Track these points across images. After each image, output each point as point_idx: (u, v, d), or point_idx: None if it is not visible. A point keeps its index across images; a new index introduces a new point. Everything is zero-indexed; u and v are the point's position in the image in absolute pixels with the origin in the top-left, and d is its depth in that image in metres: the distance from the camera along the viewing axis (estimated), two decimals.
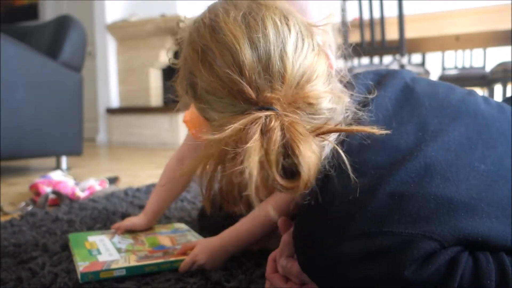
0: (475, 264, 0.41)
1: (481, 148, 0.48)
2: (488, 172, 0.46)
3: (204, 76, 0.46)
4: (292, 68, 0.45)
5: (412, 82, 0.57)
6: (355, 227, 0.44)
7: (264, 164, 0.41)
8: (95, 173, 2.11)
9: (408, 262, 0.41)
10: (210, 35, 0.46)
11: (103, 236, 0.94)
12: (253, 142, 0.41)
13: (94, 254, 0.83)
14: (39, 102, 2.07)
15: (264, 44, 0.45)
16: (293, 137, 0.42)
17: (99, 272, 0.75)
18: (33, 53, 2.05)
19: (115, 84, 4.14)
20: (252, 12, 0.46)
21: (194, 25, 0.50)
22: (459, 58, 3.20)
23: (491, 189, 0.45)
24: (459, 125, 0.50)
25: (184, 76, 0.51)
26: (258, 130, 0.42)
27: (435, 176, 0.45)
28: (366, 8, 2.31)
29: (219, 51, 0.45)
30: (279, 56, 0.45)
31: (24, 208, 1.34)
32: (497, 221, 0.43)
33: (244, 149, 0.41)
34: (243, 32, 0.45)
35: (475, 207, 0.44)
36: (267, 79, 0.44)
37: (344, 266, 0.45)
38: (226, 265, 0.79)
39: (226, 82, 0.45)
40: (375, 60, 3.08)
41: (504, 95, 2.55)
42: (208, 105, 0.47)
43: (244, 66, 0.44)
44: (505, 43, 2.46)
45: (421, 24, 2.34)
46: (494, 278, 0.40)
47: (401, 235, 0.42)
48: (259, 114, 0.43)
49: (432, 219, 0.42)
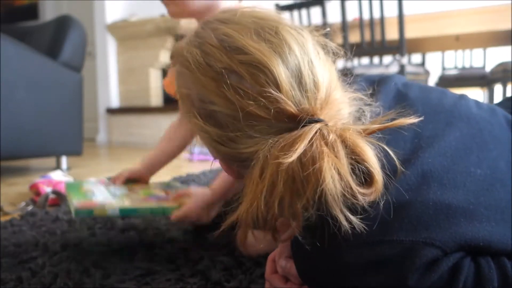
0: (477, 270, 0.41)
1: (476, 152, 0.48)
2: (484, 176, 0.46)
3: (229, 102, 0.43)
4: (322, 77, 0.44)
5: (404, 88, 0.56)
6: (355, 236, 0.43)
7: (342, 178, 0.40)
8: (95, 173, 2.11)
9: (411, 271, 0.41)
10: (229, 57, 0.43)
11: (99, 184, 0.94)
12: (324, 158, 0.39)
13: (89, 196, 0.82)
14: (39, 102, 2.07)
15: (292, 57, 0.43)
16: (355, 144, 0.41)
17: (93, 210, 0.74)
18: (33, 53, 2.05)
19: (115, 84, 4.14)
20: (263, 27, 0.45)
21: (196, 50, 0.46)
22: (459, 58, 3.20)
23: (488, 193, 0.45)
24: (454, 130, 0.50)
25: (193, 106, 0.47)
26: (322, 144, 0.40)
27: (432, 182, 0.45)
28: (366, 8, 2.31)
29: (246, 71, 0.43)
30: (308, 67, 0.44)
31: (24, 208, 1.34)
32: (496, 225, 0.43)
33: (316, 168, 0.39)
34: (269, 48, 0.43)
35: (474, 212, 0.43)
36: (302, 92, 0.43)
37: (344, 276, 0.45)
38: (226, 265, 0.79)
39: (262, 102, 0.42)
40: (375, 60, 3.08)
41: (504, 95, 2.55)
42: (240, 132, 0.44)
43: (280, 82, 0.42)
44: (505, 43, 2.46)
45: (421, 24, 2.34)
46: (496, 283, 0.40)
47: (402, 243, 0.42)
48: (311, 129, 0.41)
49: (432, 226, 0.42)
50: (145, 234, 1.01)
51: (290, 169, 0.40)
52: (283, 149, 0.41)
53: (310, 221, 0.42)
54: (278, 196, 0.41)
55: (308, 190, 0.40)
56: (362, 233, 0.42)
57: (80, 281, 0.74)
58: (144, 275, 0.77)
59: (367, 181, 0.41)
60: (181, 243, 0.93)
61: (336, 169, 0.40)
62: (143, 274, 0.78)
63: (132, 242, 0.96)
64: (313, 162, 0.40)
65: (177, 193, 0.83)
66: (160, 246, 0.91)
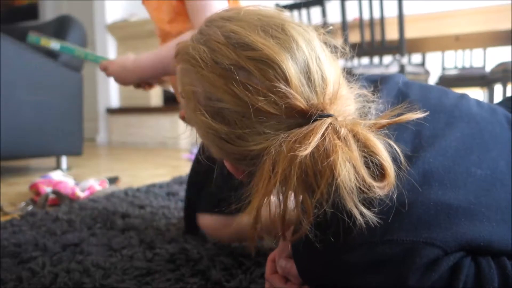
0: (478, 270, 0.41)
1: (476, 153, 0.48)
2: (485, 176, 0.46)
3: (237, 99, 0.43)
4: (330, 73, 0.44)
5: (405, 87, 0.56)
6: (356, 236, 0.43)
7: (356, 170, 0.39)
8: (95, 173, 2.11)
9: (411, 271, 0.41)
10: (237, 53, 0.43)
11: None
12: (338, 151, 0.39)
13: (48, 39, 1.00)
14: (39, 102, 2.07)
15: (300, 53, 0.43)
16: (367, 137, 0.41)
17: (40, 38, 0.94)
18: (33, 53, 2.05)
19: (115, 84, 4.13)
20: (269, 24, 0.45)
21: (202, 47, 0.46)
22: (459, 58, 3.20)
23: (489, 194, 0.45)
24: (454, 131, 0.50)
25: (200, 104, 0.46)
26: (335, 138, 0.40)
27: (433, 182, 0.44)
28: (366, 8, 2.31)
29: (255, 67, 0.42)
30: (316, 64, 0.44)
31: (24, 208, 1.34)
32: (497, 225, 0.43)
33: (331, 161, 0.39)
34: (277, 44, 0.43)
35: (475, 212, 0.43)
36: (311, 88, 0.43)
37: (345, 275, 0.45)
38: (226, 265, 0.80)
39: (271, 98, 0.42)
40: (375, 60, 3.08)
41: (504, 95, 2.54)
42: (249, 128, 0.44)
43: (290, 77, 0.42)
44: (505, 43, 2.46)
45: (421, 24, 2.34)
46: (497, 283, 0.40)
47: (402, 243, 0.42)
48: (323, 123, 0.41)
49: (433, 226, 0.42)
50: (145, 234, 1.01)
51: (303, 163, 0.40)
52: (296, 143, 0.40)
53: (318, 219, 0.42)
54: (291, 191, 0.41)
55: (322, 184, 0.40)
56: (363, 233, 0.42)
57: (80, 281, 0.74)
58: (144, 275, 0.77)
59: (380, 175, 0.41)
60: (181, 243, 0.93)
61: (350, 162, 0.40)
62: (143, 274, 0.78)
63: (132, 242, 0.96)
64: (326, 155, 0.40)
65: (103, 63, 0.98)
66: (160, 246, 0.91)
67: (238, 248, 0.88)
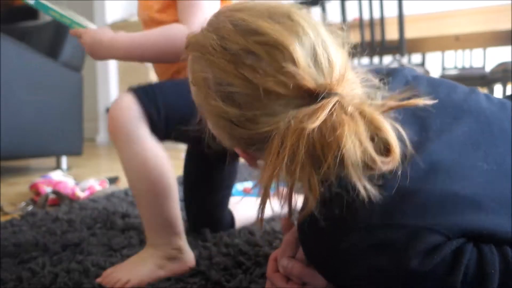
0: (480, 255, 0.41)
1: (483, 148, 0.49)
2: (490, 171, 0.47)
3: (247, 82, 0.44)
4: (336, 57, 0.45)
5: (414, 81, 0.57)
6: (360, 220, 0.44)
7: (361, 144, 0.41)
8: (95, 173, 2.11)
9: (413, 254, 0.41)
10: (245, 38, 0.45)
11: None
12: (345, 125, 0.41)
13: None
14: (39, 102, 2.07)
15: (306, 37, 0.45)
16: (373, 115, 0.42)
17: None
18: (33, 53, 2.05)
19: (115, 84, 4.14)
20: (276, 12, 0.46)
21: (212, 35, 0.48)
22: (459, 58, 3.19)
23: (494, 187, 0.45)
24: (462, 125, 0.50)
25: (210, 90, 0.48)
26: (342, 113, 0.42)
27: (439, 173, 0.45)
28: (366, 8, 2.31)
29: (263, 51, 0.44)
30: (322, 47, 0.45)
31: (24, 208, 1.34)
32: (501, 218, 0.43)
33: (337, 134, 0.40)
34: (284, 29, 0.44)
35: (480, 203, 0.44)
36: (318, 70, 0.44)
37: (349, 257, 0.45)
38: (226, 265, 0.79)
39: (281, 79, 0.43)
40: (375, 60, 3.08)
41: (504, 95, 2.55)
42: (259, 110, 0.45)
43: (297, 59, 0.43)
44: (505, 43, 2.46)
45: (421, 24, 2.34)
46: (498, 267, 0.40)
47: (406, 227, 0.42)
48: (330, 100, 0.43)
49: (438, 213, 0.42)
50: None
51: (311, 137, 0.41)
52: (304, 118, 0.42)
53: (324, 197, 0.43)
54: (299, 164, 0.42)
55: (328, 157, 0.41)
56: (368, 216, 0.43)
57: (80, 281, 0.74)
58: None
59: (385, 150, 0.42)
60: None
61: (356, 136, 0.41)
62: None
63: (132, 242, 0.96)
64: (333, 129, 0.41)
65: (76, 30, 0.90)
66: None
67: (238, 248, 0.88)
